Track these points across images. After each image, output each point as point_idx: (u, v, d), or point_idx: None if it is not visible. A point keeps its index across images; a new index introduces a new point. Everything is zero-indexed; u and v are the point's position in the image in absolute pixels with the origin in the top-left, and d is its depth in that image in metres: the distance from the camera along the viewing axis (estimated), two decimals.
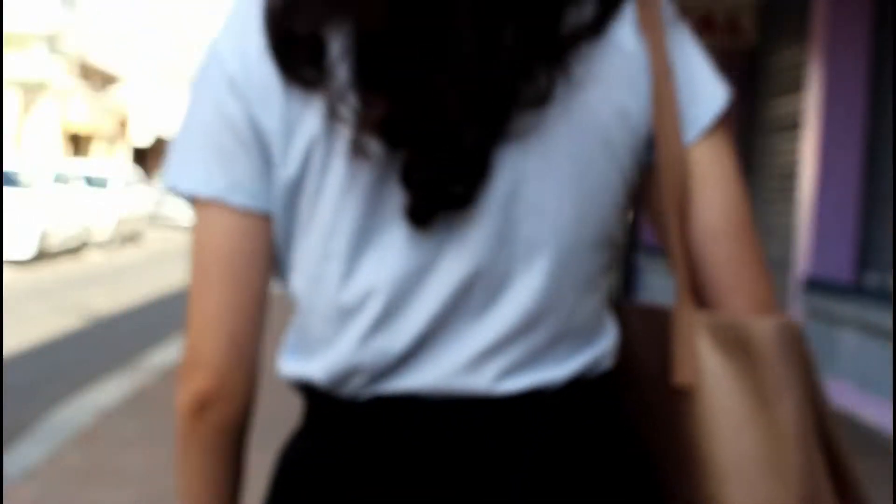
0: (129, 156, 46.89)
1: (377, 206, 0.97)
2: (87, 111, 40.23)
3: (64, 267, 17.59)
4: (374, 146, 0.94)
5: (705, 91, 1.06)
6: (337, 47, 0.95)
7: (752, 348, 1.02)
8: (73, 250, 19.41)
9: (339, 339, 1.02)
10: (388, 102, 0.93)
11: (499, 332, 0.99)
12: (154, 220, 29.95)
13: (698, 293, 1.06)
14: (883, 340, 7.19)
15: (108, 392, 7.19)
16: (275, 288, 1.10)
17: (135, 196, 24.10)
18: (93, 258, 19.66)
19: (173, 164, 1.04)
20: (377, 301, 0.99)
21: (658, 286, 13.73)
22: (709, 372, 1.03)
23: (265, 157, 1.00)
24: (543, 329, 1.00)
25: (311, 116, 0.97)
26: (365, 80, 0.94)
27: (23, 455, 5.58)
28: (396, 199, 0.96)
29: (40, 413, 6.89)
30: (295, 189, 1.00)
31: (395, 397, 1.00)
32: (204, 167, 1.01)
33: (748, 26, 10.72)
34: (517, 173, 0.97)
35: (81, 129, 40.61)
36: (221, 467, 1.10)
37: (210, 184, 1.01)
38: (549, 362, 1.01)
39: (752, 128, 11.19)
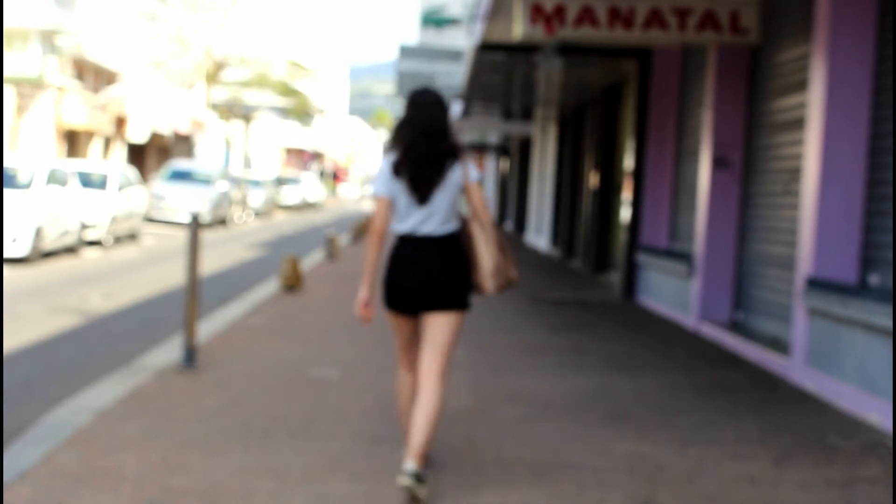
0: (126, 154, 46.83)
1: (411, 199, 5.39)
2: (82, 109, 40.17)
3: (60, 266, 17.55)
4: (411, 189, 5.38)
5: (472, 174, 5.43)
6: (404, 169, 5.36)
7: (484, 225, 5.42)
8: (69, 249, 19.37)
9: (404, 223, 5.39)
10: (412, 183, 5.36)
11: (435, 224, 5.37)
12: (152, 217, 29.90)
13: (475, 217, 5.45)
14: (886, 341, 7.15)
15: (105, 393, 7.14)
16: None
17: (131, 194, 24.04)
18: (89, 257, 19.61)
19: (374, 185, 5.43)
20: (411, 216, 5.39)
21: (654, 280, 13.72)
22: (475, 230, 5.42)
23: (391, 185, 5.38)
24: (443, 223, 5.37)
25: (398, 179, 5.38)
26: (409, 178, 5.36)
27: (19, 456, 5.53)
28: (415, 198, 5.39)
29: (36, 414, 6.84)
30: (395, 194, 5.39)
31: (416, 235, 5.38)
32: (380, 187, 5.41)
33: (751, 25, 10.69)
34: (437, 196, 5.37)
35: (77, 126, 40.55)
36: (378, 250, 5.38)
37: (380, 191, 5.40)
38: (444, 229, 5.38)
39: (754, 127, 11.16)
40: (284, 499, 5.06)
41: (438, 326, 5.33)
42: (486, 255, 5.38)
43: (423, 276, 5.29)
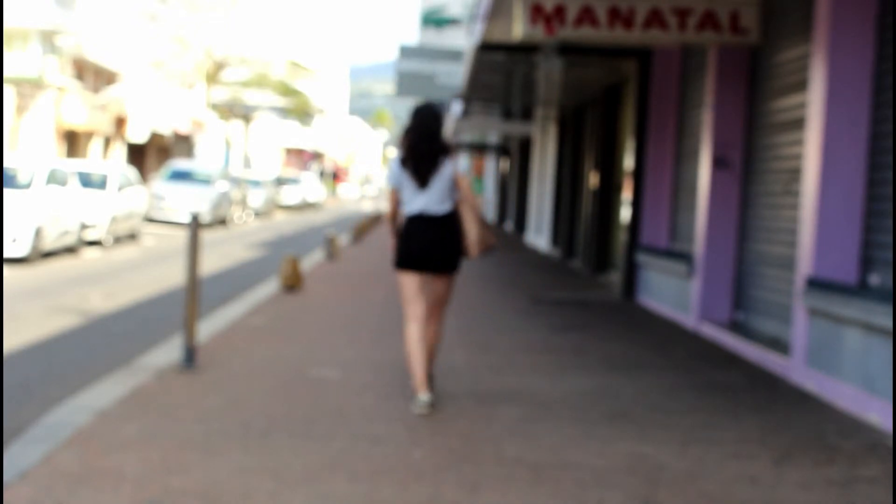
0: (126, 154, 46.81)
1: (414, 186, 7.23)
2: (82, 109, 40.16)
3: (60, 266, 17.55)
4: (414, 177, 7.25)
5: (460, 167, 7.30)
6: (409, 163, 7.25)
7: (473, 206, 7.30)
8: (69, 249, 19.36)
9: (411, 205, 7.22)
10: (415, 172, 7.22)
11: (438, 206, 7.20)
12: (152, 217, 29.89)
13: (464, 200, 7.31)
14: (886, 341, 7.15)
15: (105, 393, 7.14)
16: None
17: (131, 194, 24.04)
18: (89, 257, 19.61)
19: (387, 178, 7.47)
20: (415, 200, 7.22)
21: (654, 280, 13.72)
22: (464, 210, 7.26)
23: (399, 177, 7.27)
24: (440, 203, 7.20)
25: (405, 170, 7.25)
26: (412, 169, 7.23)
27: (18, 456, 5.53)
28: (417, 184, 7.21)
29: (36, 414, 6.84)
30: (403, 183, 7.26)
31: (422, 215, 7.20)
32: (391, 180, 7.34)
33: (751, 25, 10.69)
34: (434, 183, 7.21)
35: (77, 126, 40.54)
36: (395, 224, 7.41)
37: (391, 183, 7.34)
38: (442, 209, 7.20)
39: (754, 127, 11.16)
40: (284, 499, 5.05)
41: (438, 286, 7.29)
42: (472, 228, 7.27)
43: (426, 244, 7.17)
